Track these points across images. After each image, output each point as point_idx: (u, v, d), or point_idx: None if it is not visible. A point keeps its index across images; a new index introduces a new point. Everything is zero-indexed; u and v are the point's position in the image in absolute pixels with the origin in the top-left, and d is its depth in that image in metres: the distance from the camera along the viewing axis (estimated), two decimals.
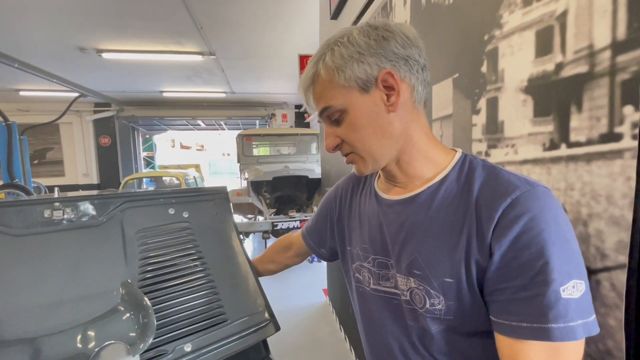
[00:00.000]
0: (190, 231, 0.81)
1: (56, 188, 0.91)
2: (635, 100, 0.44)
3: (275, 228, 3.76)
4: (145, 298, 0.61)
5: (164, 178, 7.57)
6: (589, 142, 0.52)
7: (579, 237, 0.52)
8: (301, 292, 3.29)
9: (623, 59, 0.46)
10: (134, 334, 0.57)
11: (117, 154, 7.88)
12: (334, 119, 0.51)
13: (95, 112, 7.52)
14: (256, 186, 4.43)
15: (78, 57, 4.48)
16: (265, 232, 3.80)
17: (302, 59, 4.07)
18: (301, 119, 8.00)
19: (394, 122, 0.50)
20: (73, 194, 0.82)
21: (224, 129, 10.98)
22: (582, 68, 0.52)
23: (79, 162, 7.75)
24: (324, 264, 3.52)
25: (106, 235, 0.73)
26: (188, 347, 0.62)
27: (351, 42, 0.48)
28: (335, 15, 2.05)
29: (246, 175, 4.55)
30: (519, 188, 0.43)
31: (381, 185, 0.61)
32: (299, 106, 8.07)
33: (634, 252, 0.45)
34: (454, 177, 0.50)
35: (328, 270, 3.01)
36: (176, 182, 6.64)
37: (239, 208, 4.57)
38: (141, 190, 0.97)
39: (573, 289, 0.39)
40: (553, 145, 0.58)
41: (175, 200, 0.84)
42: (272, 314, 0.74)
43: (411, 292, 0.51)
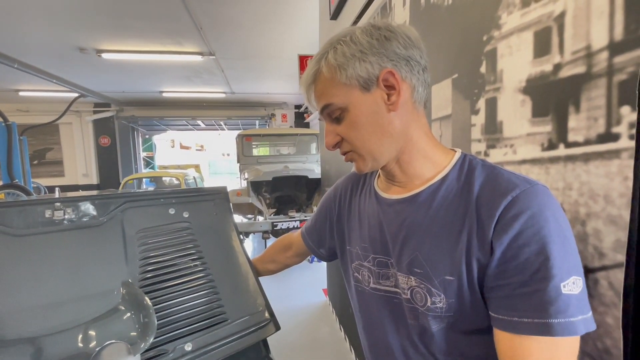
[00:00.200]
0: (191, 231, 0.81)
1: (57, 188, 0.91)
2: (633, 100, 0.45)
3: (275, 228, 3.76)
4: (146, 298, 0.61)
5: (163, 178, 7.56)
6: (586, 142, 0.52)
7: (577, 236, 0.53)
8: (301, 292, 3.29)
9: (620, 60, 0.46)
10: (135, 334, 0.58)
11: (116, 154, 7.88)
12: (335, 116, 0.52)
13: (95, 112, 7.52)
14: (256, 186, 4.43)
15: (78, 57, 4.48)
16: (265, 232, 3.80)
17: (302, 59, 4.08)
18: (301, 119, 8.00)
19: (394, 121, 0.50)
20: (74, 194, 0.82)
21: (223, 129, 10.98)
22: (580, 69, 0.53)
23: (79, 162, 7.75)
24: (324, 264, 3.52)
25: (107, 235, 0.73)
26: (188, 347, 0.63)
27: (354, 41, 0.48)
28: (335, 16, 2.05)
29: (246, 176, 4.55)
30: (518, 186, 0.43)
31: (381, 185, 0.61)
32: (298, 106, 8.07)
33: (631, 251, 0.46)
34: (454, 177, 0.50)
35: (328, 270, 3.01)
36: (176, 182, 6.63)
37: (239, 208, 4.57)
38: (141, 191, 0.97)
39: (573, 285, 0.39)
40: (551, 145, 0.59)
41: (176, 201, 0.84)
42: (272, 314, 0.75)
43: (412, 290, 0.51)
